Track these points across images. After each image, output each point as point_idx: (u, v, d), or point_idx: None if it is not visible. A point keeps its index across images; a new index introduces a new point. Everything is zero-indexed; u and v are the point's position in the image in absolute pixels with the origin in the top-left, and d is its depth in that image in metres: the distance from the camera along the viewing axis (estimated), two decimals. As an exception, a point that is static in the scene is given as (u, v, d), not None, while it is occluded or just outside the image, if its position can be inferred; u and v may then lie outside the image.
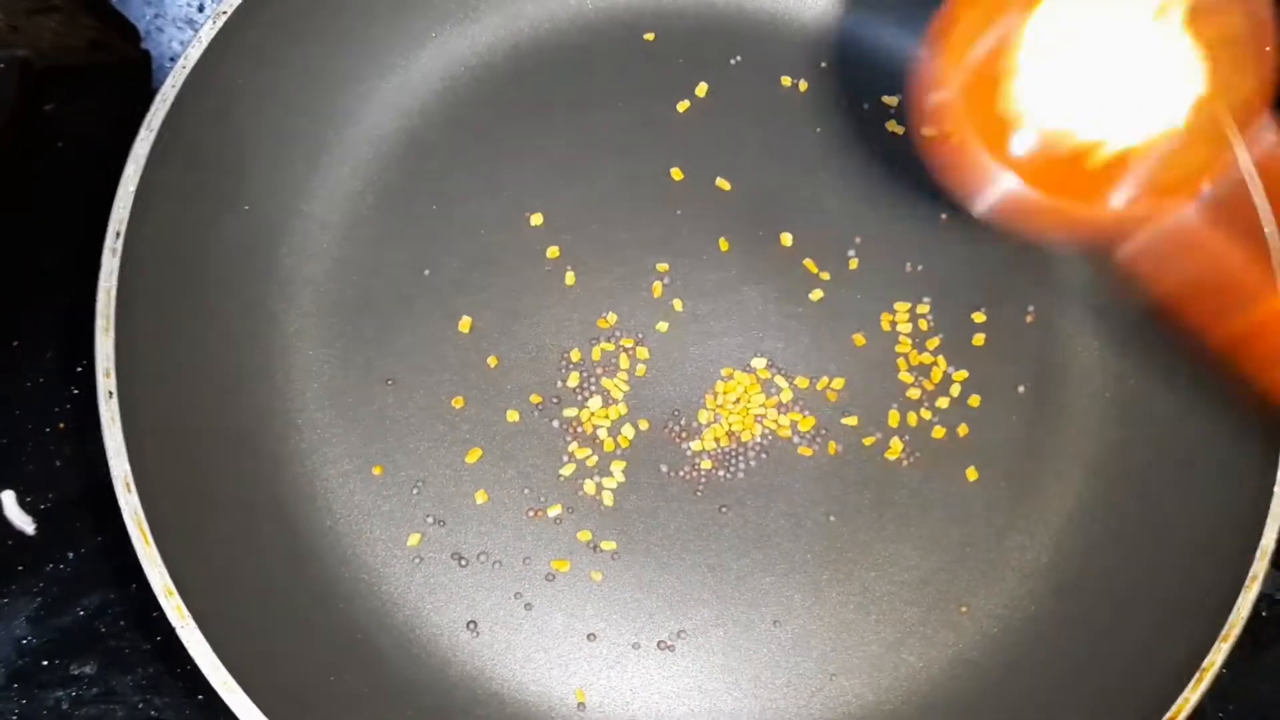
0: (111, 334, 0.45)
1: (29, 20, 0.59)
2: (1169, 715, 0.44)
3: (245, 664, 0.42)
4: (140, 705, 0.52)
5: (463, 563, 0.51)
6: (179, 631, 0.41)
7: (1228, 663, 0.53)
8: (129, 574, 0.51)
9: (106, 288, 0.45)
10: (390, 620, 0.50)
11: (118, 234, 0.46)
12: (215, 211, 0.52)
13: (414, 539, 0.51)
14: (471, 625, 0.50)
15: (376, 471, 0.52)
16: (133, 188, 0.47)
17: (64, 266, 0.58)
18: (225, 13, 0.50)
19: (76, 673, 0.52)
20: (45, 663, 0.52)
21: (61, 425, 0.56)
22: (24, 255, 0.59)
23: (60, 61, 0.60)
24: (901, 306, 0.56)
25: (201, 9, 0.63)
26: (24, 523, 0.54)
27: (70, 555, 0.54)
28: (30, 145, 0.59)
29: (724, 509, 0.52)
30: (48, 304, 0.58)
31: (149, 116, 0.48)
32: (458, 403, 0.53)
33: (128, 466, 0.43)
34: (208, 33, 0.50)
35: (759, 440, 0.54)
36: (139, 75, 0.62)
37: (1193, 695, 0.44)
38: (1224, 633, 0.44)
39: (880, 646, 0.51)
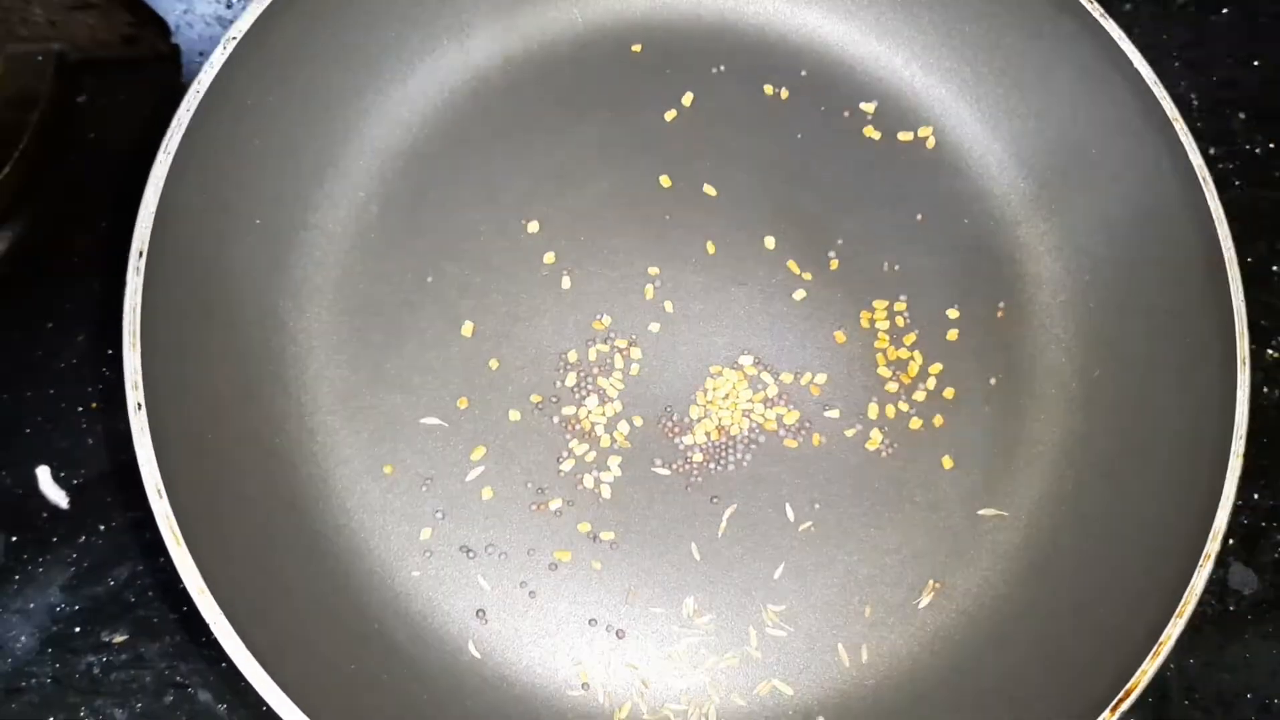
0: (138, 348, 0.47)
1: (67, 16, 0.62)
2: (1129, 685, 0.47)
3: (274, 656, 0.45)
4: (167, 671, 0.55)
5: (470, 554, 0.54)
6: (213, 626, 0.44)
7: (1196, 653, 0.57)
8: (157, 548, 0.54)
9: (132, 305, 0.48)
10: (404, 610, 0.53)
11: (140, 253, 0.49)
12: (229, 227, 0.54)
13: (425, 533, 0.54)
14: (480, 613, 0.53)
15: (387, 470, 0.55)
16: (153, 209, 0.49)
17: (95, 251, 0.61)
18: (235, 38, 0.52)
19: (107, 639, 0.55)
20: (77, 629, 0.55)
21: (94, 405, 0.59)
22: (57, 240, 0.62)
23: (94, 55, 0.63)
24: (880, 304, 0.59)
25: (230, 5, 0.66)
26: (58, 497, 0.57)
27: (101, 528, 0.57)
28: (64, 135, 0.62)
29: (715, 499, 0.56)
30: (80, 288, 0.61)
31: (165, 140, 0.50)
32: (462, 403, 0.56)
33: (158, 474, 0.46)
34: (219, 57, 0.52)
35: (747, 434, 0.57)
36: (169, 68, 0.65)
37: (1150, 667, 0.47)
38: (1179, 609, 0.48)
39: (864, 626, 0.54)
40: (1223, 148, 0.67)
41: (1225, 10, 0.70)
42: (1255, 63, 0.69)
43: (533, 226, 0.59)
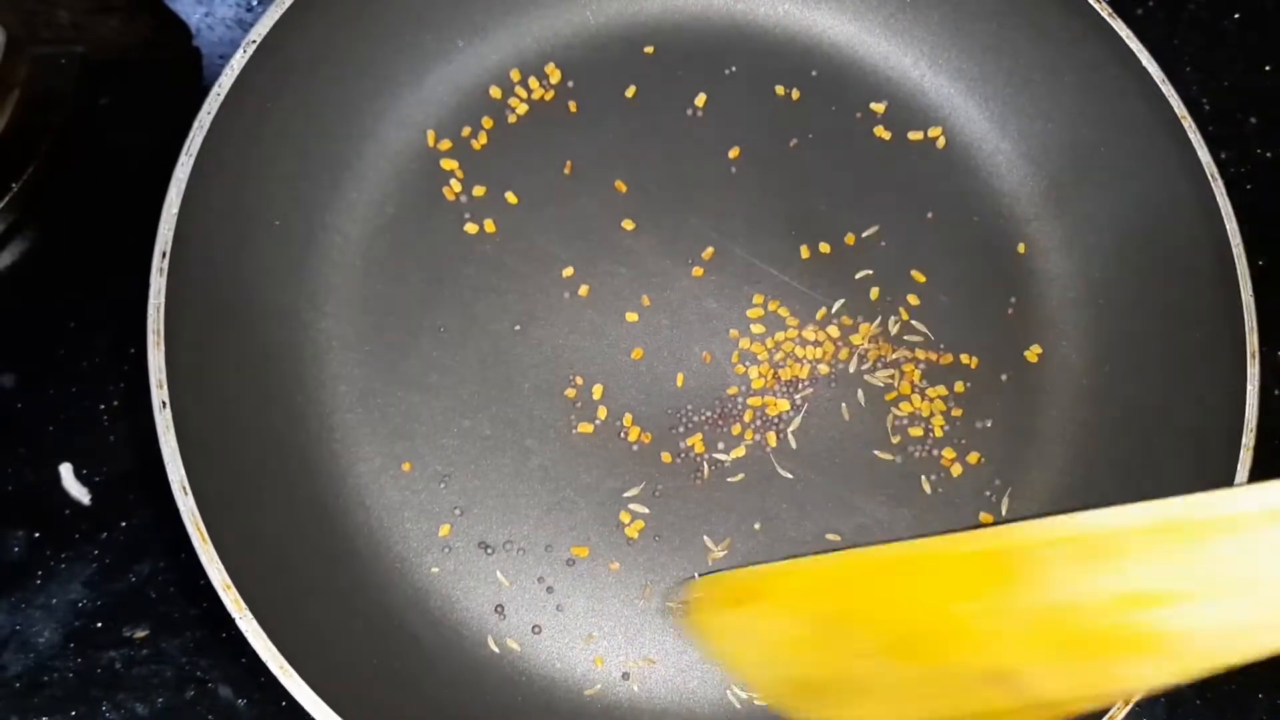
0: (162, 347, 0.48)
1: (90, 19, 0.63)
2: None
3: (296, 650, 0.45)
4: (188, 666, 0.55)
5: (489, 550, 0.55)
6: (238, 622, 0.45)
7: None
8: (177, 544, 0.54)
9: (155, 304, 0.49)
10: (424, 605, 0.53)
11: (164, 254, 0.49)
12: (248, 228, 0.55)
13: (443, 530, 0.55)
14: (499, 609, 0.54)
15: (405, 467, 0.55)
16: (175, 210, 0.50)
17: (117, 252, 0.62)
18: (254, 42, 0.53)
19: (129, 635, 0.56)
20: (99, 625, 0.56)
21: (115, 403, 0.59)
22: (80, 241, 0.63)
23: (117, 58, 0.64)
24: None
25: (250, 9, 0.67)
26: (80, 493, 0.58)
27: (123, 524, 0.57)
28: (87, 136, 0.63)
29: (729, 497, 0.56)
30: (103, 288, 0.62)
31: (187, 142, 0.51)
32: (478, 401, 0.57)
33: (183, 472, 0.46)
34: (239, 61, 0.53)
35: (760, 432, 0.57)
36: (190, 71, 0.66)
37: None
38: (1191, 600, 0.48)
39: (877, 620, 0.55)
40: (1234, 151, 0.67)
41: (1236, 15, 0.71)
42: (1267, 67, 0.70)
43: (547, 227, 0.60)
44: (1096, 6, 0.56)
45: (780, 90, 0.63)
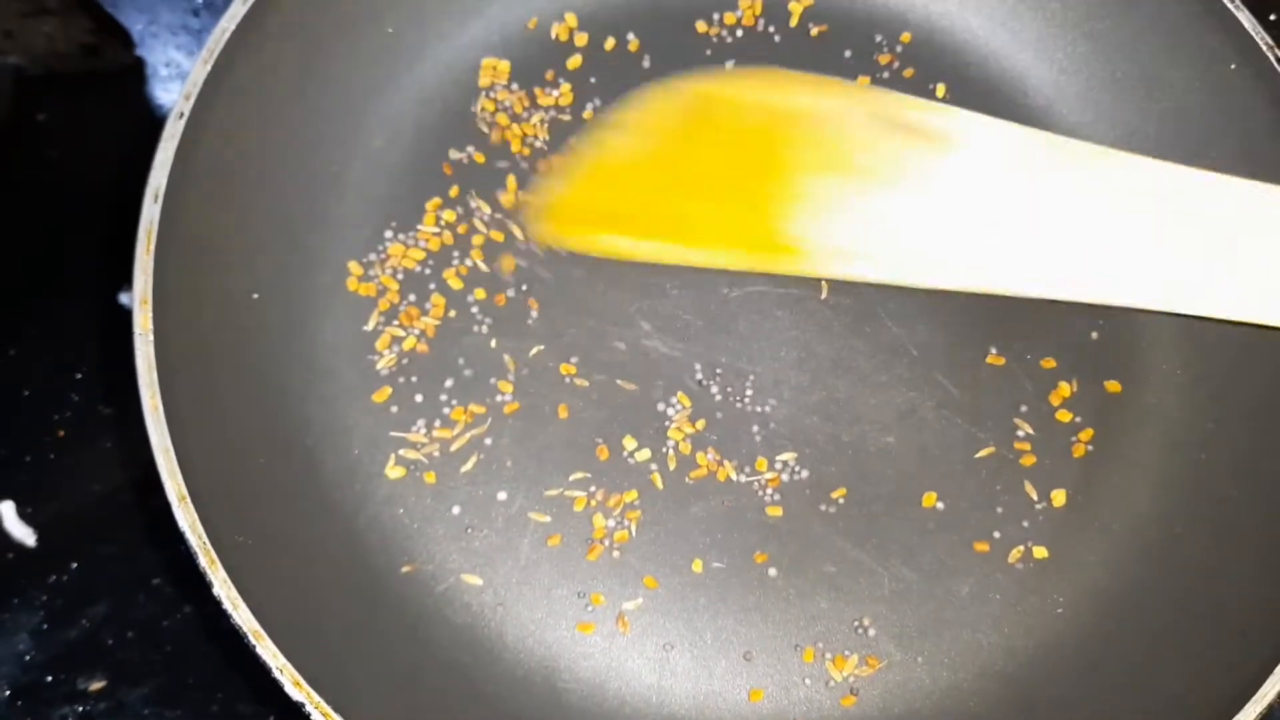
0: (160, 408, 0.43)
1: (22, 25, 0.60)
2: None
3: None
4: (150, 718, 0.51)
5: (501, 556, 0.50)
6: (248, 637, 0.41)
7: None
8: (135, 583, 0.53)
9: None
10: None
11: (145, 300, 0.45)
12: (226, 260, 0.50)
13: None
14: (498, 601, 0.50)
15: (401, 473, 0.51)
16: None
17: (58, 273, 0.58)
18: (211, 53, 0.49)
19: (83, 687, 0.51)
20: (50, 679, 0.52)
21: (61, 433, 0.55)
22: (19, 262, 0.59)
23: (53, 68, 0.61)
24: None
25: (197, 14, 0.63)
26: (24, 534, 0.54)
27: (74, 566, 0.53)
28: (24, 155, 0.60)
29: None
30: (44, 310, 0.58)
31: (151, 183, 0.47)
32: (499, 391, 0.53)
33: (182, 482, 0.42)
34: (200, 72, 0.48)
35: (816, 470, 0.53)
36: (133, 83, 0.63)
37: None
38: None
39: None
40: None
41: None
42: None
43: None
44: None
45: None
